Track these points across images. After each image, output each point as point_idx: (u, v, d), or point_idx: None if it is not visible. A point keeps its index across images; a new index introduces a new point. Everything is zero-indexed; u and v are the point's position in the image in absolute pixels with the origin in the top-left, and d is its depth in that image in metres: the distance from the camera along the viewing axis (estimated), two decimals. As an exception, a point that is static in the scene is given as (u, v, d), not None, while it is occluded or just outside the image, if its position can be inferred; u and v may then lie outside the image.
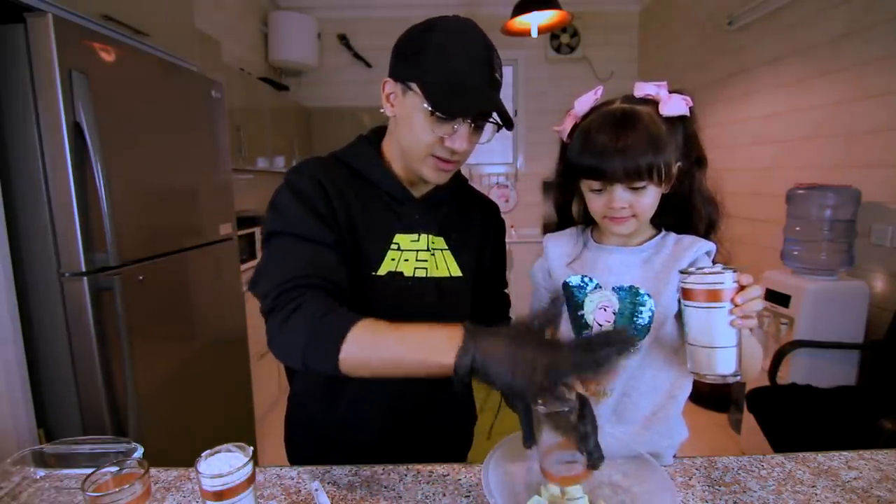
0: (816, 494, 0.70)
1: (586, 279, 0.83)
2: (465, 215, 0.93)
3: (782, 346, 1.93)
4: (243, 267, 2.35)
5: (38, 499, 0.72)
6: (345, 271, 0.75)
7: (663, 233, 0.82)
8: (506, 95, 4.41)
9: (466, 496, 0.72)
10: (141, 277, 1.41)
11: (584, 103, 0.79)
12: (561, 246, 0.88)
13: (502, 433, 0.69)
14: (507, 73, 4.38)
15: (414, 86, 0.75)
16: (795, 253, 2.09)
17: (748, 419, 2.09)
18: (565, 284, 0.85)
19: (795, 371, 1.96)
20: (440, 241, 0.87)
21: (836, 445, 0.89)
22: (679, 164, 0.77)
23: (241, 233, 2.41)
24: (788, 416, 1.72)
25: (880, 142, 1.96)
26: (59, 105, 1.16)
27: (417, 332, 0.62)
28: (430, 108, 0.73)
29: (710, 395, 2.61)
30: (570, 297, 0.84)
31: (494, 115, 0.77)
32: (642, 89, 0.77)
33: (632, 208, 0.75)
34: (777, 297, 2.07)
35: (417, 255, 0.83)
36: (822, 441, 1.58)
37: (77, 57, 1.20)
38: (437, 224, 0.87)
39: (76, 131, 1.20)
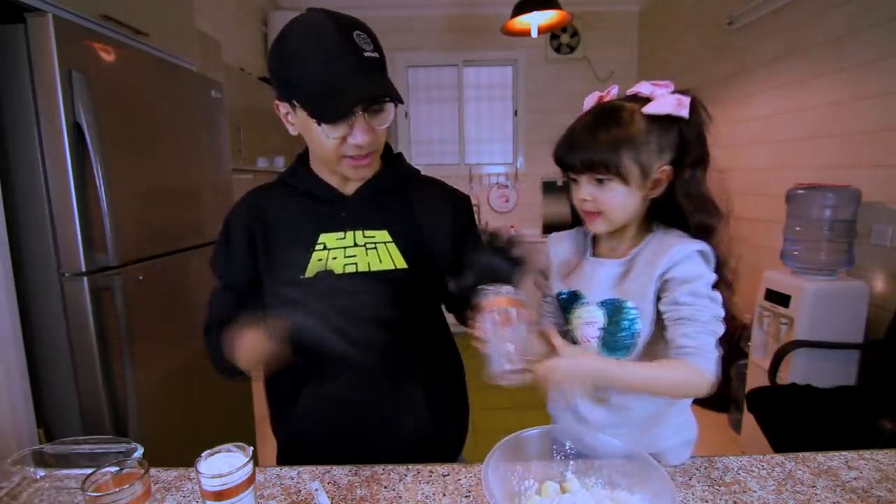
0: (816, 494, 0.70)
1: (575, 293, 0.82)
2: (419, 207, 0.91)
3: (782, 346, 1.93)
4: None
5: (38, 499, 0.72)
6: (234, 304, 0.88)
7: (650, 235, 0.79)
8: (505, 95, 4.42)
9: (466, 496, 0.72)
10: (141, 277, 1.41)
11: (590, 101, 0.79)
12: (562, 245, 0.88)
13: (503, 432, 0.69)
14: (507, 73, 4.39)
15: (295, 102, 0.77)
16: (795, 253, 2.09)
17: (748, 419, 2.09)
18: (557, 296, 0.85)
19: (795, 371, 1.95)
20: (383, 235, 0.86)
21: (836, 445, 0.89)
22: (667, 167, 0.74)
23: (241, 233, 2.40)
24: (788, 416, 1.72)
25: (880, 142, 1.96)
26: (59, 105, 1.16)
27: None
28: (314, 120, 0.75)
29: (711, 395, 2.61)
30: (560, 310, 0.84)
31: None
32: (637, 87, 0.76)
33: (596, 203, 0.74)
34: (777, 297, 2.07)
35: (346, 252, 0.84)
36: (822, 441, 1.58)
37: (77, 57, 1.20)
38: (379, 218, 0.87)
39: (76, 131, 1.20)
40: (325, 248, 0.84)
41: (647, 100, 0.73)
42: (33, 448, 0.75)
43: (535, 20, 2.82)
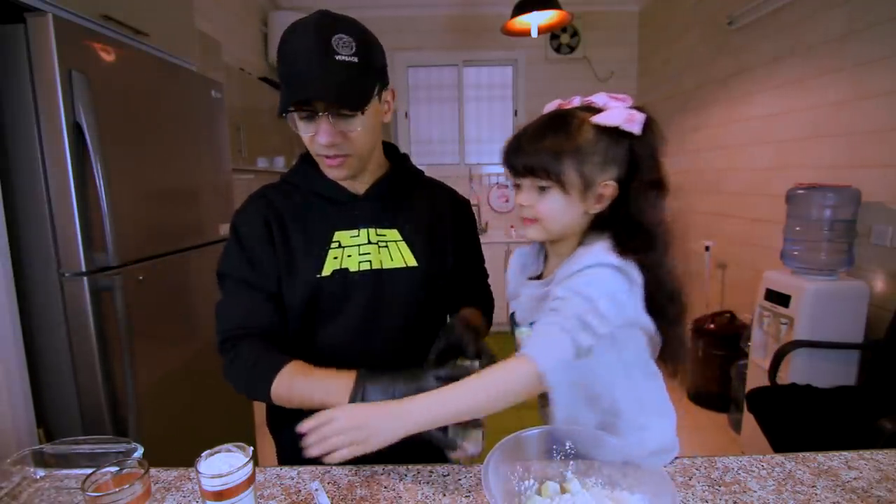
0: (816, 494, 0.70)
1: (516, 315, 0.83)
2: (424, 208, 0.93)
3: (782, 346, 1.93)
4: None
5: (38, 499, 0.72)
6: (272, 310, 0.84)
7: (577, 249, 0.75)
8: (505, 95, 4.42)
9: (466, 496, 0.72)
10: (141, 277, 1.41)
11: (549, 108, 0.77)
12: (520, 263, 0.89)
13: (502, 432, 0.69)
14: (507, 72, 4.39)
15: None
16: (795, 253, 2.09)
17: (748, 419, 2.09)
18: (510, 317, 0.86)
19: (795, 371, 1.95)
20: (393, 234, 0.88)
21: (836, 445, 0.89)
22: (612, 182, 0.71)
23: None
24: (788, 416, 1.72)
25: (880, 142, 1.96)
26: (59, 105, 1.16)
27: (322, 377, 0.76)
28: (280, 110, 0.78)
29: (710, 395, 2.61)
30: (511, 331, 0.86)
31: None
32: (594, 97, 0.74)
33: (534, 210, 0.74)
34: (777, 297, 2.07)
35: (360, 250, 0.85)
36: (822, 441, 1.58)
37: (77, 57, 1.20)
38: (390, 217, 0.89)
39: (76, 131, 1.20)
40: (339, 245, 0.85)
41: (602, 111, 0.71)
42: (33, 448, 0.75)
43: (535, 20, 2.82)
